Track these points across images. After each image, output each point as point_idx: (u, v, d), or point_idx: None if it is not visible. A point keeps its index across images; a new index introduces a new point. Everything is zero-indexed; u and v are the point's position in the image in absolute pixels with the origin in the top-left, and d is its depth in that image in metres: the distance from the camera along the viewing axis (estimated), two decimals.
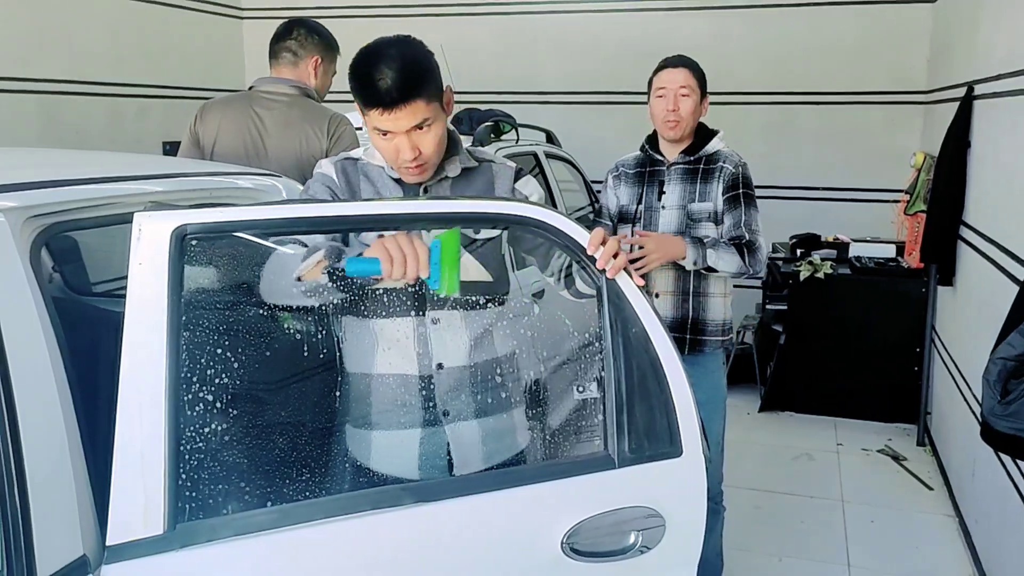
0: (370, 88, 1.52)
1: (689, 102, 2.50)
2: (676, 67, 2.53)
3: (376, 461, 1.67)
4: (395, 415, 1.67)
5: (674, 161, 2.58)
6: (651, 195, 2.59)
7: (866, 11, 5.01)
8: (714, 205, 2.52)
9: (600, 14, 5.49)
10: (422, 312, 1.63)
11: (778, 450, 4.16)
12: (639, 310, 1.38)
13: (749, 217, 2.49)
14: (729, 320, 2.59)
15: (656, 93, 2.54)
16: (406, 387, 1.66)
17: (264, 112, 2.63)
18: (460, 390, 1.67)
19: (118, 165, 1.80)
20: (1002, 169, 3.03)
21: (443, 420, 1.66)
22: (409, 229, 1.57)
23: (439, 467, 1.67)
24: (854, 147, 5.12)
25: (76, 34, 4.62)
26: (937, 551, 3.23)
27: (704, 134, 2.59)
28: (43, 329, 1.18)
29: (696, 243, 2.41)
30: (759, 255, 2.47)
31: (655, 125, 2.58)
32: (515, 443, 1.73)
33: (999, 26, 3.18)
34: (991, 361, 2.00)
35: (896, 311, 4.39)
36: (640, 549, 1.35)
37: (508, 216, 1.42)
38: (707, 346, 2.55)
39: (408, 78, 1.51)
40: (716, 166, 2.54)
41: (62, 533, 1.14)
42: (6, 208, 1.22)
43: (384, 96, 1.51)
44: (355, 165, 1.73)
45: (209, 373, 1.31)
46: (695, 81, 2.51)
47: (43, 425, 1.15)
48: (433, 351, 1.64)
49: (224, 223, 1.30)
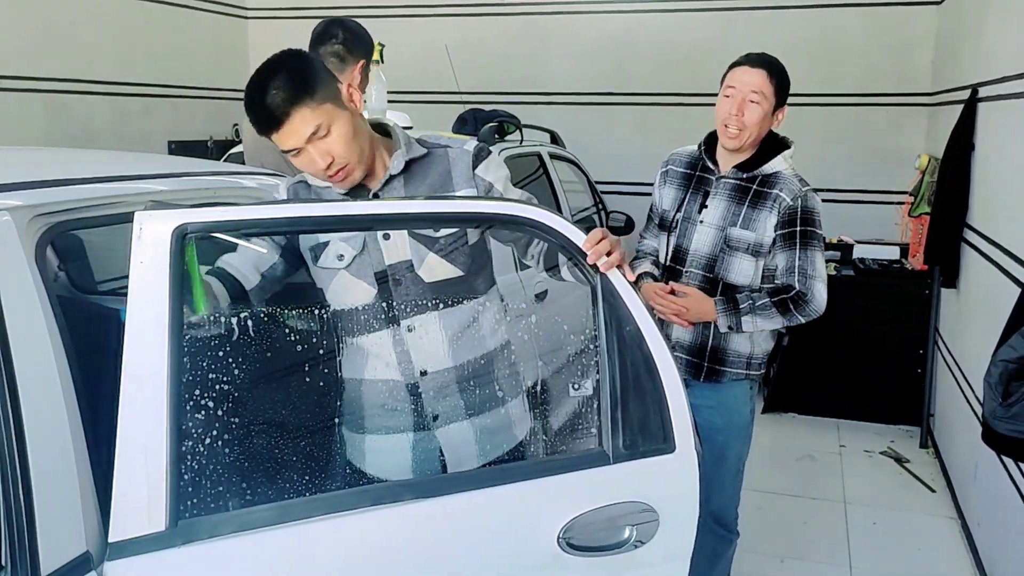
0: (254, 115, 1.51)
1: (758, 111, 2.18)
2: (753, 67, 2.21)
3: (371, 465, 1.69)
4: (386, 420, 1.68)
5: (725, 174, 2.28)
6: (692, 205, 2.31)
7: (871, 12, 5.00)
8: (758, 237, 2.22)
9: (605, 15, 5.50)
10: (395, 323, 1.63)
11: (781, 451, 4.15)
12: (632, 308, 1.39)
13: (805, 261, 2.19)
14: (760, 354, 2.32)
15: (724, 92, 2.23)
16: (393, 393, 1.66)
17: None
18: (447, 392, 1.67)
19: (123, 164, 1.82)
20: (1006, 172, 3.03)
21: (433, 425, 1.66)
22: (408, 228, 1.60)
23: (433, 470, 1.68)
24: (858, 148, 5.12)
25: (82, 33, 4.64)
26: (939, 553, 3.23)
27: (768, 149, 2.27)
28: (48, 327, 1.20)
29: (730, 309, 2.19)
30: (811, 307, 2.19)
31: (717, 127, 2.27)
32: (512, 436, 1.73)
33: (1004, 29, 3.17)
34: (992, 363, 2.00)
35: (900, 313, 4.39)
36: (634, 543, 1.36)
37: (502, 216, 1.43)
38: (725, 376, 2.29)
39: (280, 94, 1.48)
40: (771, 192, 2.22)
41: (65, 529, 1.15)
42: (12, 207, 1.23)
43: (267, 119, 1.50)
44: (308, 188, 1.70)
45: (210, 370, 1.32)
46: (772, 87, 2.20)
47: (47, 422, 1.16)
48: (414, 359, 1.64)
49: (225, 222, 1.32)
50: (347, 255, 1.62)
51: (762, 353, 2.34)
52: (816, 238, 2.23)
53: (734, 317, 2.19)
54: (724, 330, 2.23)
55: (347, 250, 1.62)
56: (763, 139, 2.28)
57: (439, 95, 4.96)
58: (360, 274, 1.63)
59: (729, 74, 2.26)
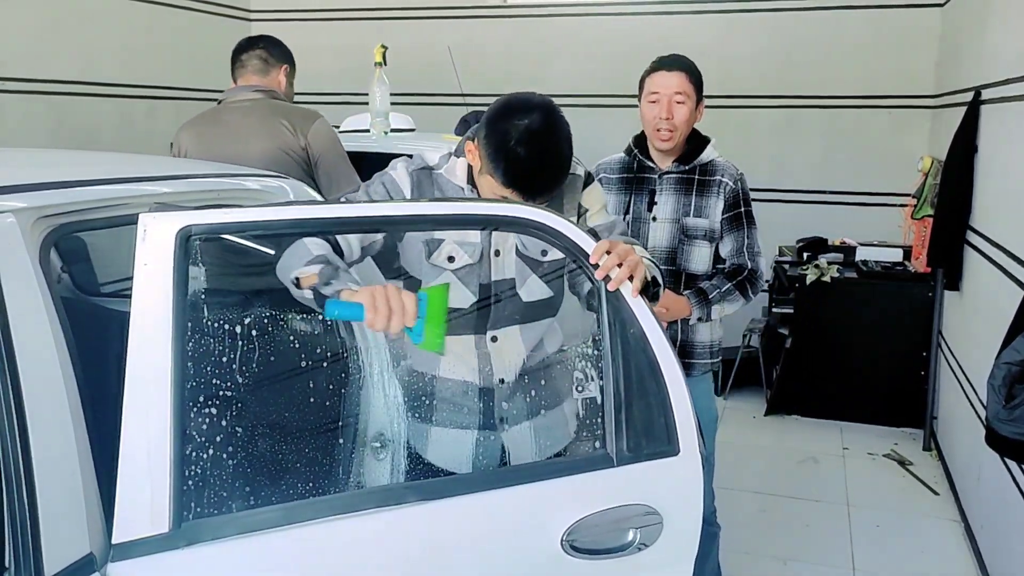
0: (521, 184, 1.54)
1: (684, 110, 2.30)
2: (671, 70, 2.32)
3: (433, 455, 1.74)
4: (456, 416, 1.74)
5: (667, 170, 2.38)
6: (640, 205, 2.40)
7: (874, 14, 5.00)
8: (711, 223, 2.36)
9: (608, 17, 5.50)
10: (481, 331, 1.69)
11: (783, 453, 4.15)
12: (637, 311, 1.39)
13: (752, 239, 2.38)
14: (718, 341, 2.46)
15: (648, 98, 2.34)
16: (468, 394, 1.73)
17: (231, 118, 2.65)
18: (517, 399, 1.75)
19: (127, 166, 1.82)
20: (1009, 174, 3.03)
21: (500, 427, 1.74)
22: (411, 230, 1.61)
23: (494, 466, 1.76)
24: (861, 151, 5.11)
25: (86, 35, 4.64)
26: (942, 556, 3.22)
27: (697, 141, 2.40)
28: (52, 328, 1.20)
29: (701, 301, 2.31)
30: (760, 282, 2.39)
31: (646, 132, 2.39)
32: (567, 434, 1.80)
33: (1007, 31, 3.17)
34: (996, 366, 2.00)
35: (903, 315, 4.39)
36: (638, 546, 1.36)
37: (510, 218, 1.43)
38: (695, 369, 2.40)
39: (556, 181, 1.56)
40: (714, 179, 2.36)
41: (69, 531, 1.15)
42: (16, 209, 1.23)
43: (533, 194, 1.55)
44: (430, 176, 1.71)
45: (214, 372, 1.33)
46: (691, 86, 2.32)
47: (51, 423, 1.16)
48: (494, 367, 1.71)
49: (229, 224, 1.32)
50: (459, 259, 1.67)
51: (719, 340, 2.47)
52: (753, 216, 2.41)
53: (705, 308, 2.31)
54: (693, 322, 2.34)
55: (460, 254, 1.67)
56: (688, 135, 2.39)
57: (442, 97, 4.96)
58: (466, 281, 1.68)
59: (648, 79, 2.36)
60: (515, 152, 1.51)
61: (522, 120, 1.52)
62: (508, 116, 1.54)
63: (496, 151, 1.53)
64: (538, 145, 1.52)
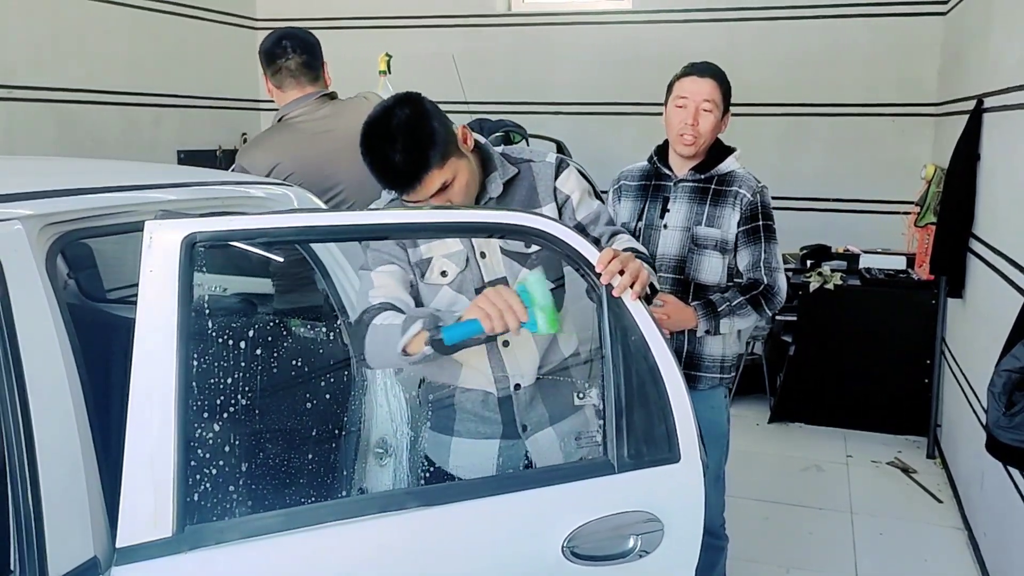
0: (383, 177, 1.57)
1: (711, 118, 2.27)
2: (703, 76, 2.29)
3: (455, 466, 1.75)
4: (477, 425, 1.76)
5: (682, 177, 2.34)
6: (653, 212, 2.35)
7: (877, 22, 5.01)
8: (723, 234, 2.29)
9: (612, 25, 5.51)
10: (492, 337, 1.66)
11: (787, 461, 4.15)
12: (639, 318, 1.40)
13: (769, 254, 2.29)
14: (732, 356, 2.37)
15: (676, 102, 2.30)
16: (487, 403, 1.74)
17: (325, 129, 2.57)
18: (536, 403, 1.75)
19: (133, 174, 1.83)
20: (1012, 182, 3.03)
21: (523, 434, 1.75)
22: (416, 239, 1.62)
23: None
24: (865, 158, 5.11)
25: (92, 43, 4.67)
26: (946, 563, 3.22)
27: (719, 151, 2.35)
28: (58, 334, 1.21)
29: (709, 313, 2.23)
30: (777, 299, 2.29)
31: (668, 136, 2.35)
32: (590, 437, 1.79)
33: (1010, 39, 3.18)
34: (996, 373, 2.00)
35: (906, 323, 4.38)
36: (639, 553, 1.37)
37: (514, 227, 1.43)
38: (701, 383, 2.33)
39: (408, 160, 1.53)
40: (730, 190, 2.30)
41: (73, 535, 1.16)
42: (23, 216, 1.25)
43: (397, 184, 1.57)
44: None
45: (217, 378, 1.34)
46: (720, 95, 2.29)
47: (57, 428, 1.17)
48: (509, 373, 1.72)
49: (234, 231, 1.33)
50: (450, 272, 1.69)
51: (732, 355, 2.38)
52: (774, 231, 2.32)
53: (713, 321, 2.23)
54: (701, 334, 2.26)
55: (450, 267, 1.69)
56: (711, 144, 2.34)
57: (446, 105, 4.95)
58: (462, 289, 1.70)
59: (678, 84, 2.33)
60: (365, 148, 1.57)
61: (367, 126, 1.57)
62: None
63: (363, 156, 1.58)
64: (377, 135, 1.56)
